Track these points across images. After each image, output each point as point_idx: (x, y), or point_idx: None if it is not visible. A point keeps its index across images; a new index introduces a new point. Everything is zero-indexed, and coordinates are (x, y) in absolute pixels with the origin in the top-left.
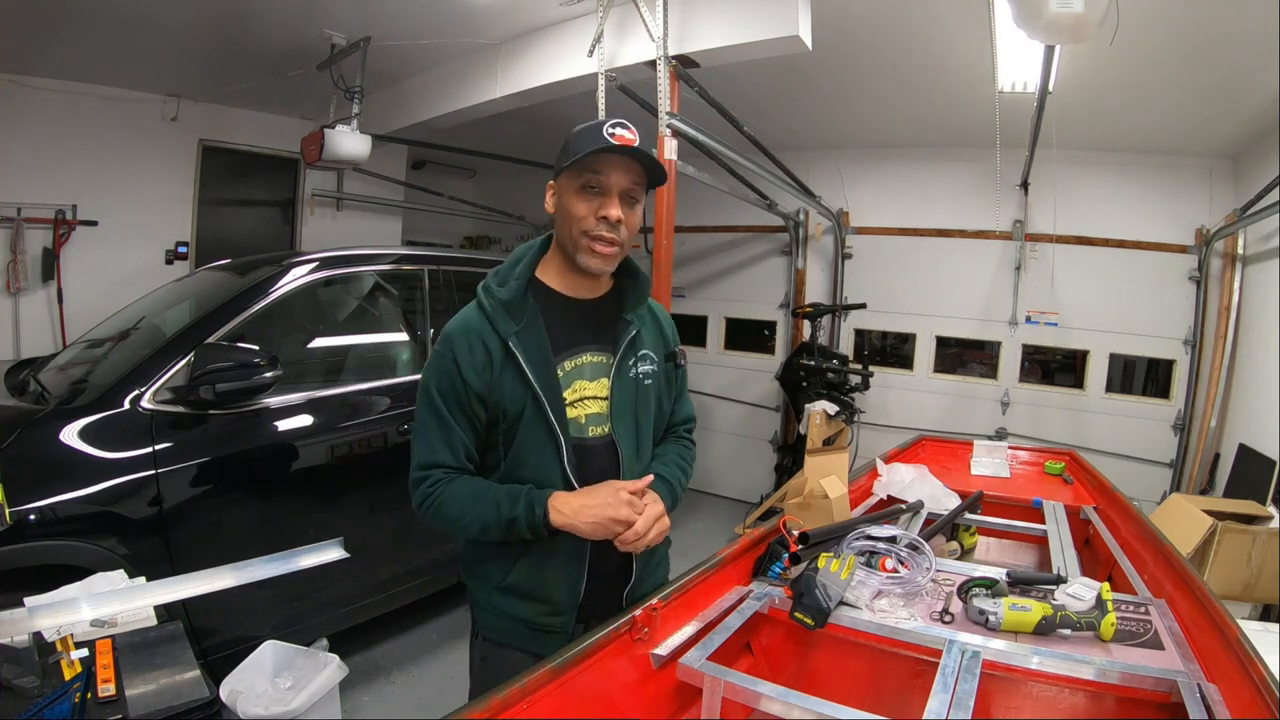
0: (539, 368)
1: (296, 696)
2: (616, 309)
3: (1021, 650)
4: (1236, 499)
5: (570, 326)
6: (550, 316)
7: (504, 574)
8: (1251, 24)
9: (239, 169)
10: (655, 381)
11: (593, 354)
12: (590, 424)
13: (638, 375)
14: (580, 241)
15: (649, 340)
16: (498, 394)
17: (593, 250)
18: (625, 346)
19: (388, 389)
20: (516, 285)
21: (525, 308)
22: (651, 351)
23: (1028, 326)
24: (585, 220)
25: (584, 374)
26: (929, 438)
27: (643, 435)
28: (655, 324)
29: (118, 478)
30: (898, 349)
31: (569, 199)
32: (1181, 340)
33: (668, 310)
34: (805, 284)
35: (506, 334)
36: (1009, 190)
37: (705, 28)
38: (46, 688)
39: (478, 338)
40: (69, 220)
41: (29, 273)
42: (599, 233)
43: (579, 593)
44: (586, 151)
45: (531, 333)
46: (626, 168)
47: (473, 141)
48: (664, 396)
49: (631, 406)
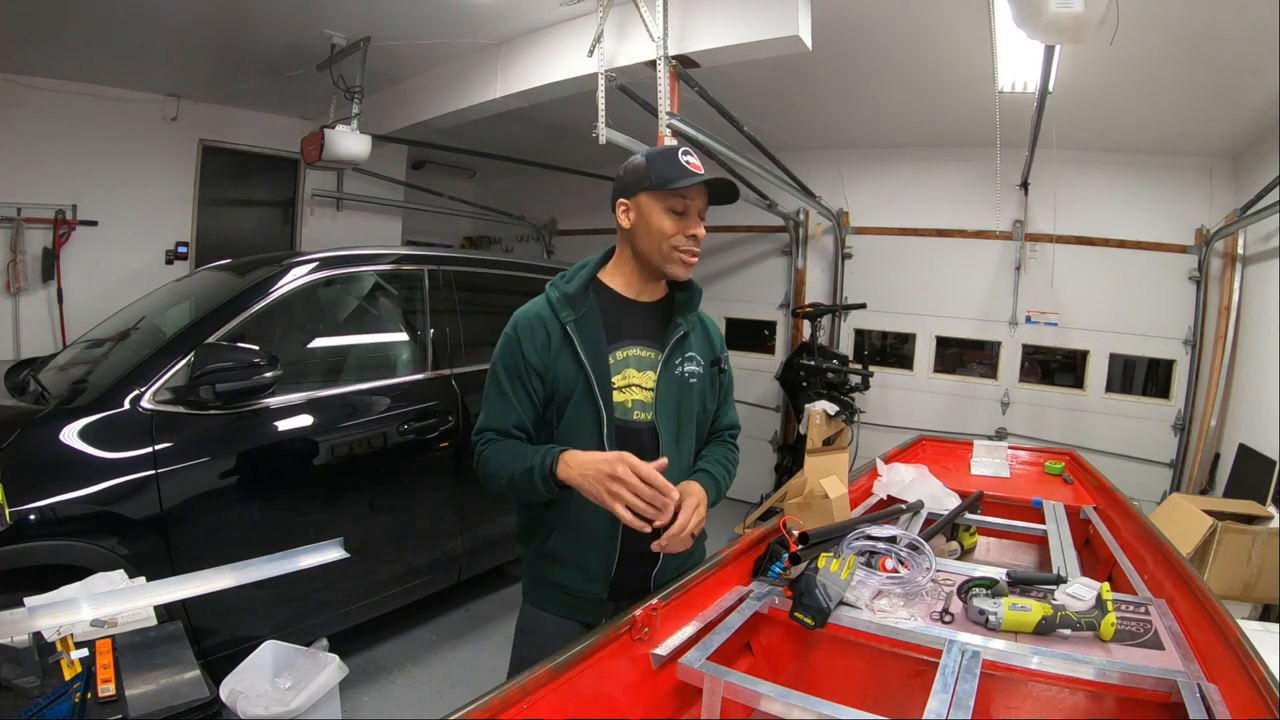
0: (592, 351)
1: (296, 696)
2: (669, 313)
3: (1021, 650)
4: (1236, 499)
5: (626, 322)
6: (608, 312)
7: (544, 540)
8: (1251, 24)
9: (239, 169)
10: (700, 382)
11: (643, 349)
12: (635, 409)
13: (683, 374)
14: (671, 255)
15: (697, 345)
16: (554, 372)
17: (682, 262)
18: (673, 345)
19: (388, 389)
20: (580, 282)
21: (585, 301)
22: (698, 355)
23: (1028, 326)
24: (675, 238)
25: (633, 364)
26: (929, 438)
27: (684, 426)
28: (704, 332)
29: (118, 478)
30: (898, 349)
31: (656, 218)
32: (1181, 340)
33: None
34: (805, 284)
35: (566, 320)
36: (1009, 190)
37: (705, 28)
38: (46, 688)
39: (539, 322)
40: (69, 220)
41: (29, 273)
42: (688, 248)
43: (612, 562)
44: (683, 183)
45: (589, 321)
46: (702, 192)
47: (473, 141)
48: (707, 397)
49: (675, 400)
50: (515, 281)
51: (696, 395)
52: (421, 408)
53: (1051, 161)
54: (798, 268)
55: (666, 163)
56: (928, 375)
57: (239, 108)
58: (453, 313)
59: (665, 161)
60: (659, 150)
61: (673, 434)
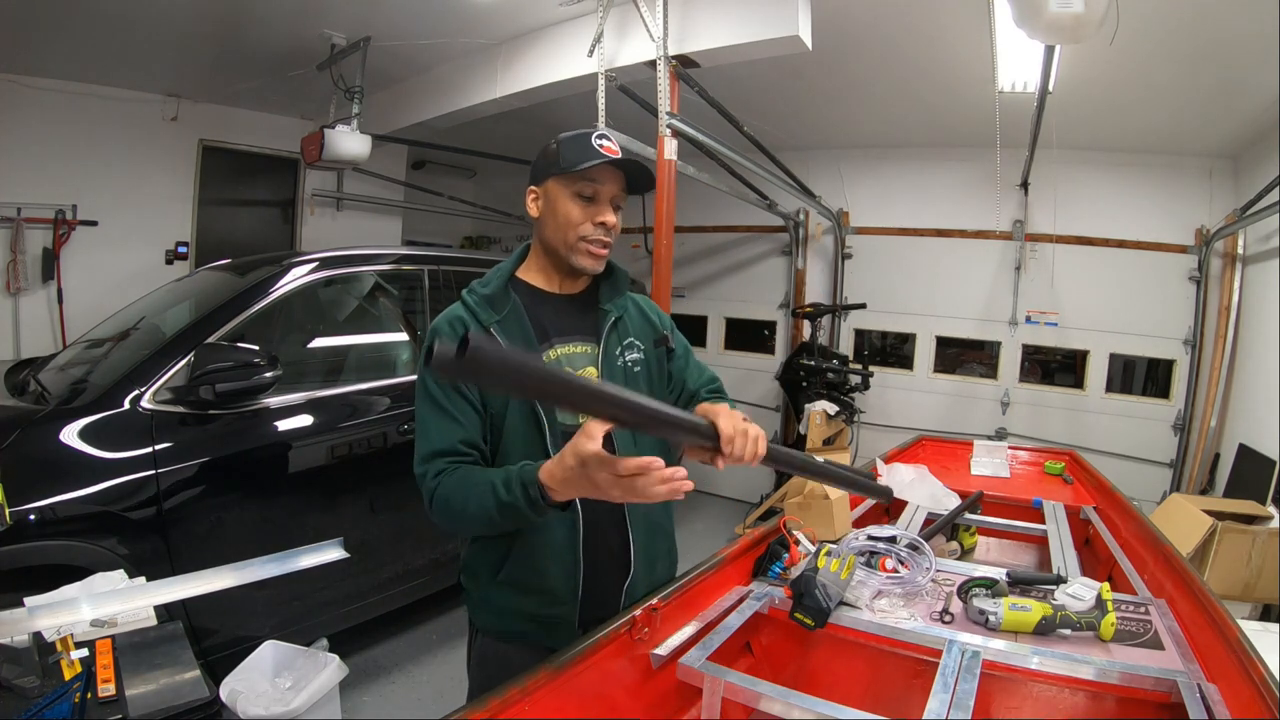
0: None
1: (296, 696)
2: (595, 302)
3: (1021, 650)
4: (1236, 499)
5: (553, 318)
6: (533, 310)
7: (497, 568)
8: (1251, 24)
9: (239, 169)
10: (645, 369)
11: (577, 344)
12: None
13: (626, 363)
14: (578, 245)
15: (633, 329)
16: None
17: (590, 253)
18: (608, 334)
19: (388, 389)
20: (497, 283)
21: (507, 300)
22: (637, 339)
23: (1028, 326)
24: (582, 226)
25: (570, 363)
26: (929, 438)
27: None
28: (639, 313)
29: (117, 478)
30: (898, 349)
31: (563, 205)
32: (1181, 340)
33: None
34: (805, 284)
35: (488, 322)
36: (1009, 190)
37: (705, 28)
38: (46, 688)
39: (461, 325)
40: (69, 220)
41: (29, 273)
42: (596, 237)
43: (578, 581)
44: (587, 164)
45: (513, 321)
46: (615, 178)
47: (473, 141)
48: (656, 383)
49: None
50: None
51: (644, 383)
52: None
53: (1051, 161)
54: (798, 268)
55: (576, 145)
56: (928, 375)
57: (239, 108)
58: None
59: (575, 144)
60: (573, 133)
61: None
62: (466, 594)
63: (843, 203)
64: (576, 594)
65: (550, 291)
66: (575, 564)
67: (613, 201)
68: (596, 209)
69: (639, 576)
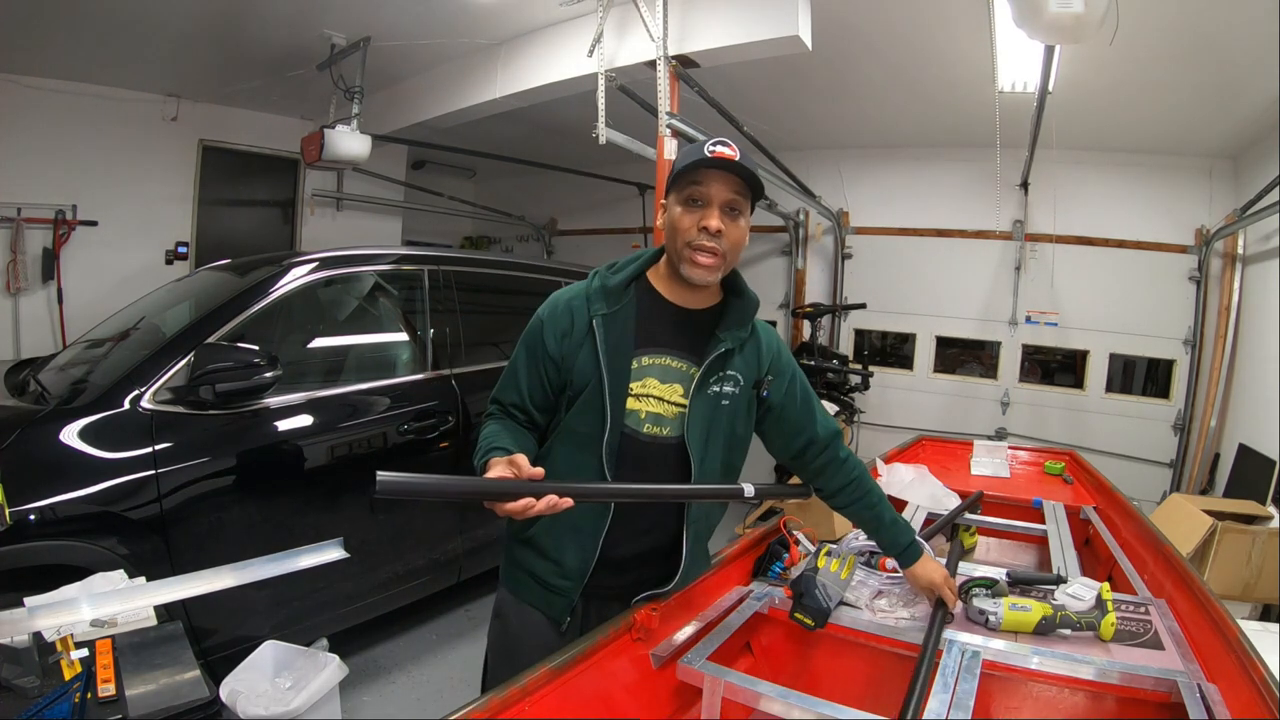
0: (613, 352)
1: (296, 696)
2: (714, 323)
3: (1021, 650)
4: (1236, 499)
5: (661, 327)
6: (645, 313)
7: (525, 526)
8: (1251, 24)
9: (239, 169)
10: (734, 404)
11: (674, 359)
12: (648, 422)
13: (717, 393)
14: (683, 252)
15: (740, 363)
16: (569, 363)
17: (694, 261)
18: (711, 362)
19: (388, 389)
20: (623, 276)
21: (623, 297)
22: (739, 374)
23: (1028, 326)
24: (688, 231)
25: (656, 374)
26: (929, 438)
27: (710, 449)
28: (755, 349)
29: (118, 478)
30: (898, 349)
31: (673, 211)
32: (1181, 340)
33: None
34: (805, 284)
35: (595, 313)
36: (1009, 190)
37: (705, 28)
38: (46, 688)
39: (568, 310)
40: (69, 220)
41: (29, 273)
42: (700, 243)
43: (589, 565)
44: (687, 162)
45: (619, 319)
46: (726, 180)
47: (473, 141)
48: (738, 421)
49: (705, 420)
50: (515, 281)
51: (726, 418)
52: (421, 408)
53: (1051, 161)
54: (798, 268)
55: (691, 151)
56: (928, 375)
57: (239, 108)
58: (453, 313)
59: (691, 150)
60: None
61: (699, 457)
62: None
63: (843, 203)
64: (584, 575)
65: (672, 302)
66: (594, 547)
67: (725, 206)
68: (703, 213)
69: (688, 573)
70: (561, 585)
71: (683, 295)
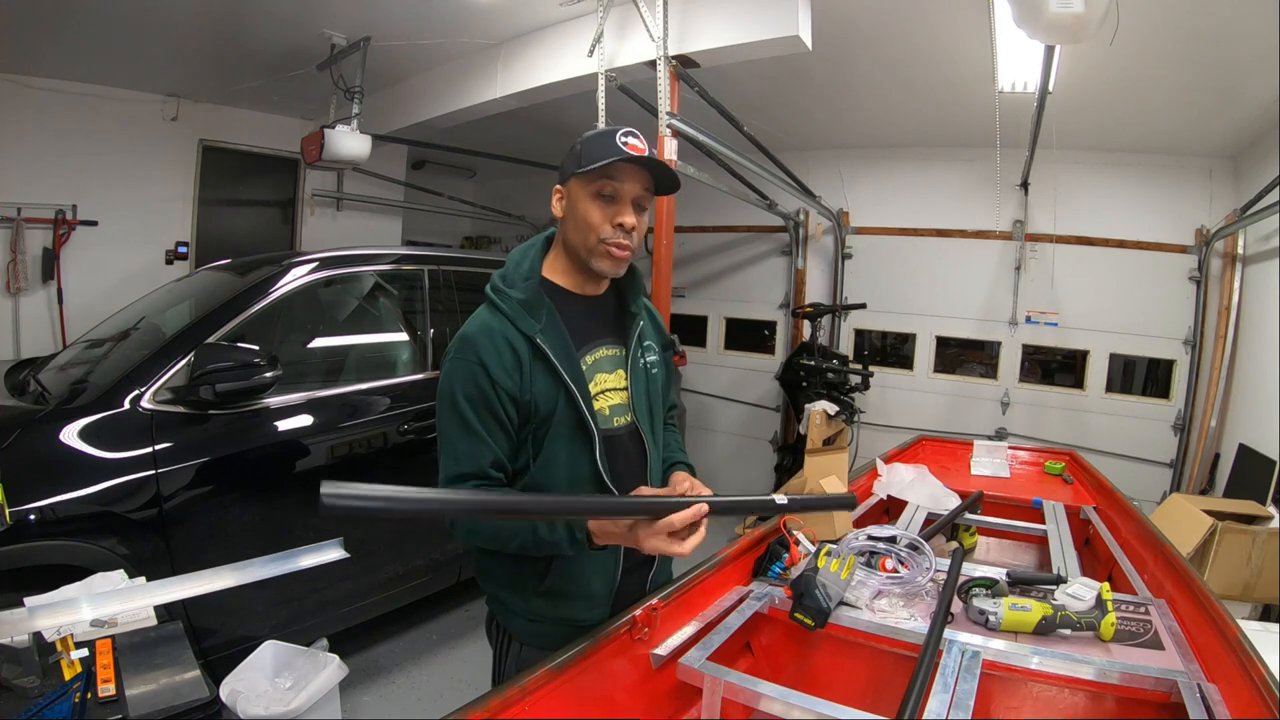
0: (567, 363)
1: (296, 696)
2: (618, 303)
3: (1021, 650)
4: (1236, 499)
5: (584, 322)
6: (565, 313)
7: (540, 578)
8: (1251, 24)
9: (239, 169)
10: (659, 371)
11: (608, 347)
12: (615, 415)
13: (646, 365)
14: (597, 247)
15: (649, 332)
16: (529, 394)
17: (609, 255)
18: (634, 337)
19: (388, 389)
20: (530, 285)
21: (542, 306)
22: (652, 342)
23: (1028, 326)
24: (601, 228)
25: (603, 367)
26: (929, 438)
27: (655, 422)
28: (650, 317)
29: (118, 478)
30: (898, 349)
31: (583, 205)
32: (1181, 340)
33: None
34: (805, 284)
35: (531, 332)
36: (1009, 190)
37: (705, 28)
38: (46, 688)
39: (502, 338)
40: (69, 220)
41: (29, 273)
42: (615, 239)
43: (615, 581)
44: (605, 161)
45: (554, 330)
46: (638, 176)
47: (473, 141)
48: (663, 384)
49: (645, 395)
50: None
51: (660, 386)
52: (421, 408)
53: (1051, 161)
54: (798, 268)
55: (599, 143)
56: (928, 375)
57: (239, 108)
58: (453, 313)
59: (598, 141)
60: (599, 130)
61: (650, 432)
62: (500, 606)
63: (842, 203)
64: (612, 595)
65: (574, 293)
66: (616, 566)
67: (635, 202)
68: (616, 209)
69: (661, 567)
70: (594, 616)
71: (586, 284)
